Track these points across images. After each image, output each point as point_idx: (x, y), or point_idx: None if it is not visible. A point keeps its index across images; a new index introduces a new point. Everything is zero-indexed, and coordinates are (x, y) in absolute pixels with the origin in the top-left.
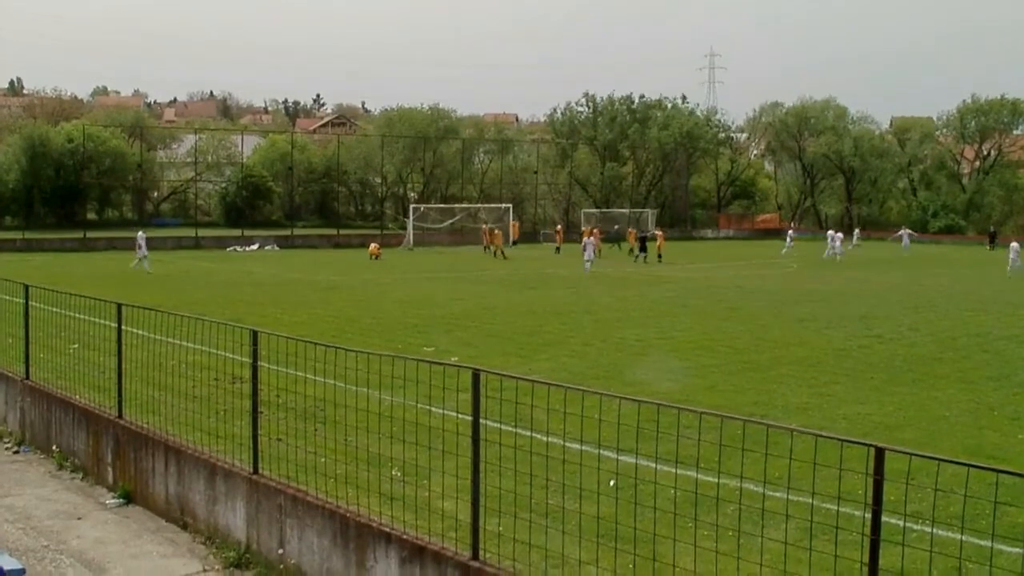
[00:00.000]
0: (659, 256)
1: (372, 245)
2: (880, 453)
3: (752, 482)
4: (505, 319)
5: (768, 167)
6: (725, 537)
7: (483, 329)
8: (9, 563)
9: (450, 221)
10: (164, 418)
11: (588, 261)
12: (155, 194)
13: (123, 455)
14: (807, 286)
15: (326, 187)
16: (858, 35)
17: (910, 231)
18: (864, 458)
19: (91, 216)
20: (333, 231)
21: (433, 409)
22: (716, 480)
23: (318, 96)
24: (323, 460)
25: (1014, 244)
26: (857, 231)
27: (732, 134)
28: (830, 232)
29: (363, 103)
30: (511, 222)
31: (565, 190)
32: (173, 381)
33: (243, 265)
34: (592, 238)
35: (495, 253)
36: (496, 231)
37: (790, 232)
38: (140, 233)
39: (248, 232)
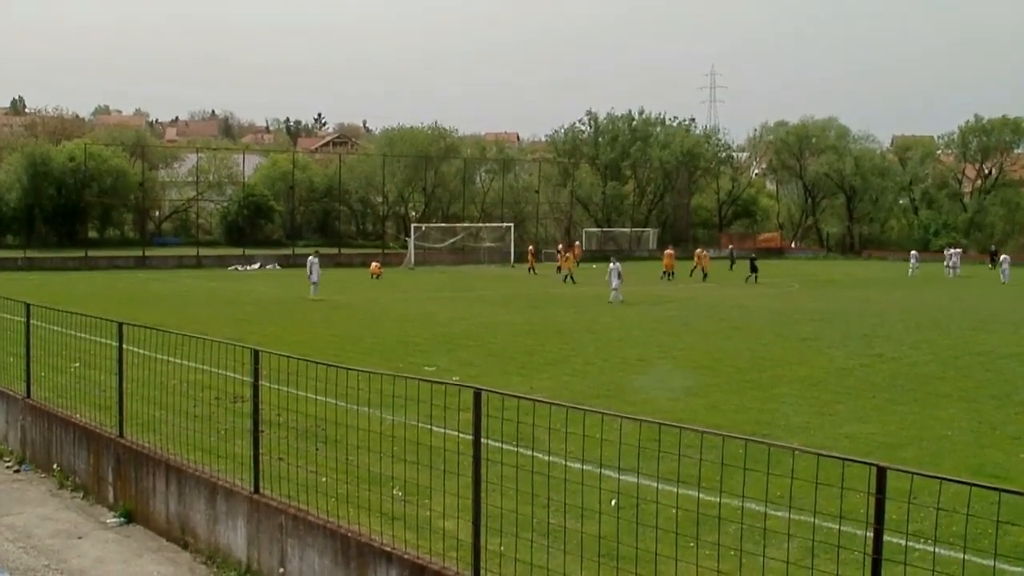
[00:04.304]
0: (669, 275)
1: (373, 264)
2: (882, 472)
3: (754, 501)
4: (506, 338)
5: (769, 186)
6: (727, 556)
7: (484, 348)
8: None
9: (451, 240)
10: (165, 437)
11: (615, 290)
12: (156, 213)
13: (124, 474)
14: (809, 305)
15: (327, 206)
16: (858, 54)
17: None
18: (866, 477)
19: (92, 235)
20: (334, 250)
21: (434, 428)
22: (718, 499)
23: (319, 115)
24: (324, 479)
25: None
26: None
27: (733, 153)
28: (948, 250)
29: (364, 122)
30: (574, 244)
31: (567, 209)
32: (174, 400)
33: (244, 284)
34: (618, 264)
35: (566, 278)
36: (567, 255)
37: (914, 253)
38: (311, 258)
39: (249, 251)
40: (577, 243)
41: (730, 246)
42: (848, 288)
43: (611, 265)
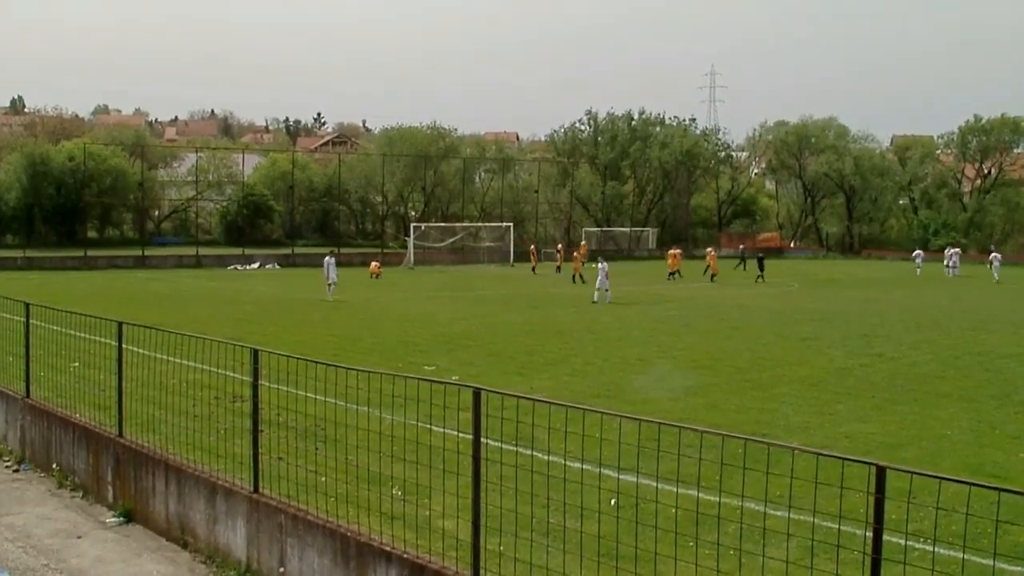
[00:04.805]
0: (672, 274)
1: (373, 264)
2: (881, 472)
3: (753, 501)
4: (506, 338)
5: (769, 185)
6: (726, 556)
7: (484, 348)
8: None
9: (451, 240)
10: (164, 437)
11: (605, 290)
12: (156, 213)
13: (123, 474)
14: (809, 305)
15: (327, 206)
16: (858, 54)
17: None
18: (865, 477)
19: (92, 234)
20: (334, 249)
21: (434, 428)
22: (717, 499)
23: (319, 115)
24: (324, 479)
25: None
26: None
27: (732, 152)
28: (948, 250)
29: (364, 121)
30: (582, 244)
31: (566, 209)
32: (174, 400)
33: (244, 283)
34: (605, 264)
35: (575, 277)
36: (574, 254)
37: (919, 252)
38: (328, 258)
39: (249, 251)
40: (584, 243)
41: (741, 246)
42: (848, 288)
43: (599, 264)
